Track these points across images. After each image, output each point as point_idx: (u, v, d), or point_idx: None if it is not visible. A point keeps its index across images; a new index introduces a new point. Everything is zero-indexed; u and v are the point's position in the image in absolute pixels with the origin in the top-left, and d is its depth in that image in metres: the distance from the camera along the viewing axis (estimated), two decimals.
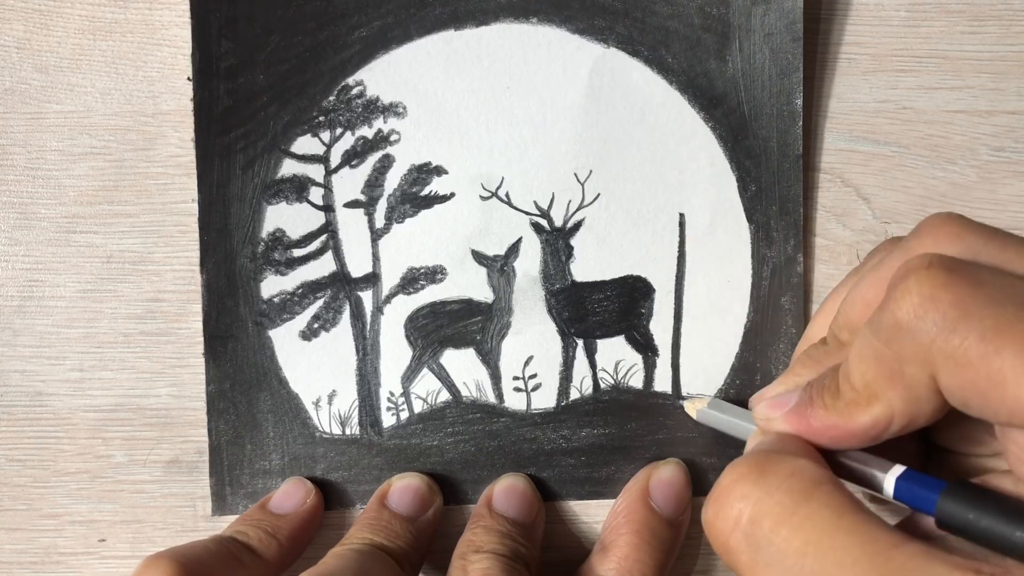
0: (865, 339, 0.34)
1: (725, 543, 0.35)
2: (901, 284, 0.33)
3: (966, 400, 0.32)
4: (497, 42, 0.50)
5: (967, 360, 0.31)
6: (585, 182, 0.50)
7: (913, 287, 0.32)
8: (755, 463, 0.35)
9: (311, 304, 0.50)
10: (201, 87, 0.49)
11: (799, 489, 0.33)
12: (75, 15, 0.50)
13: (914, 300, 0.32)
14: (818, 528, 0.32)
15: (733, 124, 0.50)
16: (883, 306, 0.33)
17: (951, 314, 0.31)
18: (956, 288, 0.32)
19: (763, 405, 0.40)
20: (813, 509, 0.33)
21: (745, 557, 0.34)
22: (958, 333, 0.31)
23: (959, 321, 0.31)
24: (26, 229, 0.50)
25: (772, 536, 0.33)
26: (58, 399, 0.51)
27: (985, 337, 0.30)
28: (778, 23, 0.49)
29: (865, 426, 0.35)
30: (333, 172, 0.50)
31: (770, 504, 0.33)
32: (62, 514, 0.51)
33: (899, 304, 0.32)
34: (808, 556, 0.32)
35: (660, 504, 0.49)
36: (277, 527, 0.47)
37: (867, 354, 0.34)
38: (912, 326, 0.32)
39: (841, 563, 0.31)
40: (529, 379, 0.51)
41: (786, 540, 0.33)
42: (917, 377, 0.33)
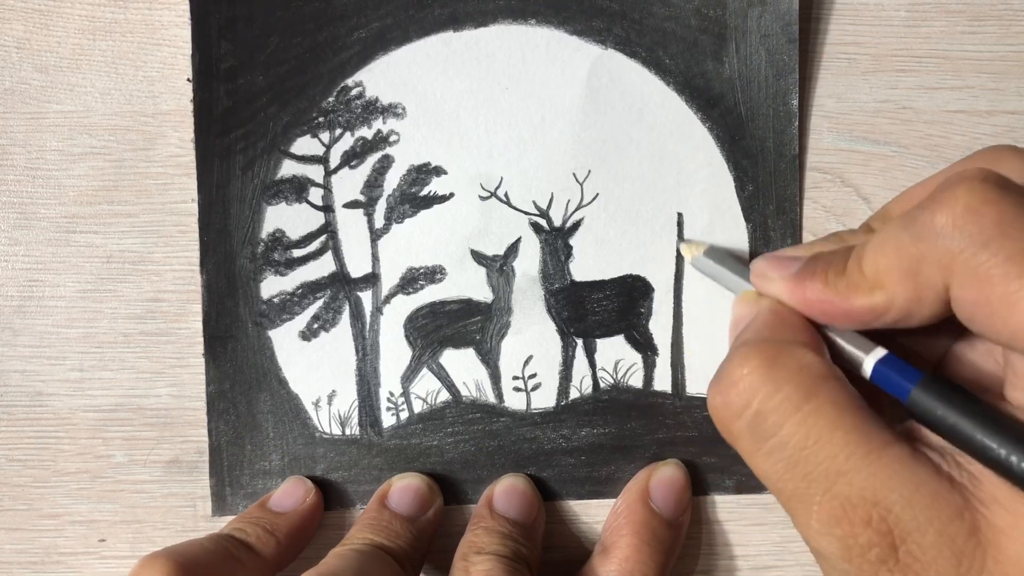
0: (892, 230, 0.35)
1: (729, 428, 0.37)
2: (950, 189, 0.33)
3: (972, 315, 0.33)
4: (496, 43, 0.50)
5: (988, 276, 0.31)
6: (584, 182, 0.50)
7: (961, 195, 0.32)
8: (765, 355, 0.36)
9: (311, 304, 0.50)
10: (201, 88, 0.49)
11: (806, 384, 0.35)
12: (75, 15, 0.50)
13: (958, 208, 0.32)
14: (820, 423, 0.34)
15: (730, 124, 0.50)
16: (925, 204, 0.33)
17: (989, 230, 0.31)
18: (1002, 206, 0.32)
19: (764, 262, 0.40)
20: (817, 404, 0.34)
21: (747, 443, 0.36)
22: (989, 249, 0.31)
23: (994, 239, 0.31)
24: (26, 229, 0.50)
25: (776, 429, 0.35)
26: (58, 399, 0.51)
27: (1013, 259, 0.31)
28: (774, 25, 0.49)
29: (860, 310, 0.36)
30: (332, 173, 0.50)
31: (778, 399, 0.35)
32: (62, 514, 0.51)
33: (941, 207, 0.33)
34: (807, 448, 0.34)
35: (660, 505, 0.49)
36: (276, 525, 0.47)
37: (889, 244, 0.35)
38: (947, 232, 0.32)
39: (835, 456, 0.34)
40: (529, 379, 0.51)
41: (789, 433, 0.35)
42: (931, 280, 0.33)
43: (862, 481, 0.33)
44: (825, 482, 0.34)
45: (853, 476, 0.33)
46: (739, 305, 0.42)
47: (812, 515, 0.34)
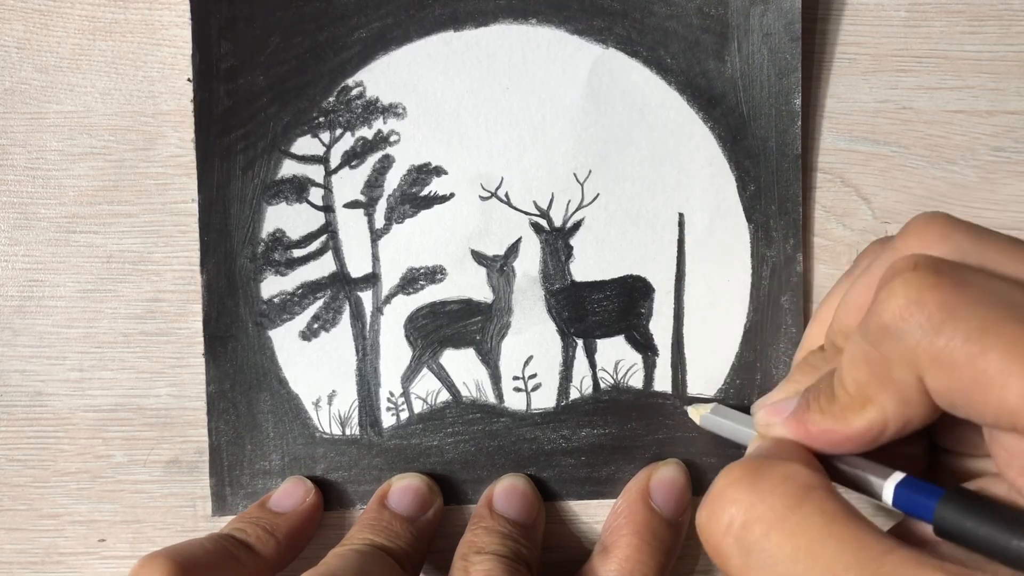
0: (855, 343, 0.34)
1: (717, 546, 0.34)
2: (887, 286, 0.32)
3: (952, 402, 0.32)
4: (496, 43, 0.50)
5: (952, 362, 0.31)
6: (584, 182, 0.50)
7: (899, 289, 0.32)
8: (749, 467, 0.35)
9: (311, 304, 0.50)
10: (201, 88, 0.49)
11: (792, 494, 0.33)
12: (75, 15, 0.50)
13: (900, 302, 0.32)
14: (809, 534, 0.32)
15: (732, 124, 0.50)
16: (871, 309, 0.33)
17: (937, 316, 0.31)
18: (942, 290, 0.31)
19: (763, 412, 0.40)
20: (805, 514, 0.33)
21: (736, 561, 0.34)
22: (944, 335, 0.31)
23: (945, 323, 0.31)
24: (26, 229, 0.50)
25: (764, 541, 0.33)
26: (58, 399, 0.51)
27: (970, 338, 0.30)
28: (776, 23, 0.50)
29: (861, 430, 0.35)
30: (333, 173, 0.50)
31: (762, 509, 0.33)
32: (62, 514, 0.51)
33: (885, 307, 0.32)
34: (799, 562, 0.32)
35: (660, 504, 0.49)
36: (276, 525, 0.47)
37: (857, 358, 0.34)
38: (898, 328, 0.32)
39: (832, 569, 0.31)
40: (529, 379, 0.51)
41: (778, 546, 0.32)
42: (905, 380, 0.33)
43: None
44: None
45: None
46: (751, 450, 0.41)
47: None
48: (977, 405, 0.31)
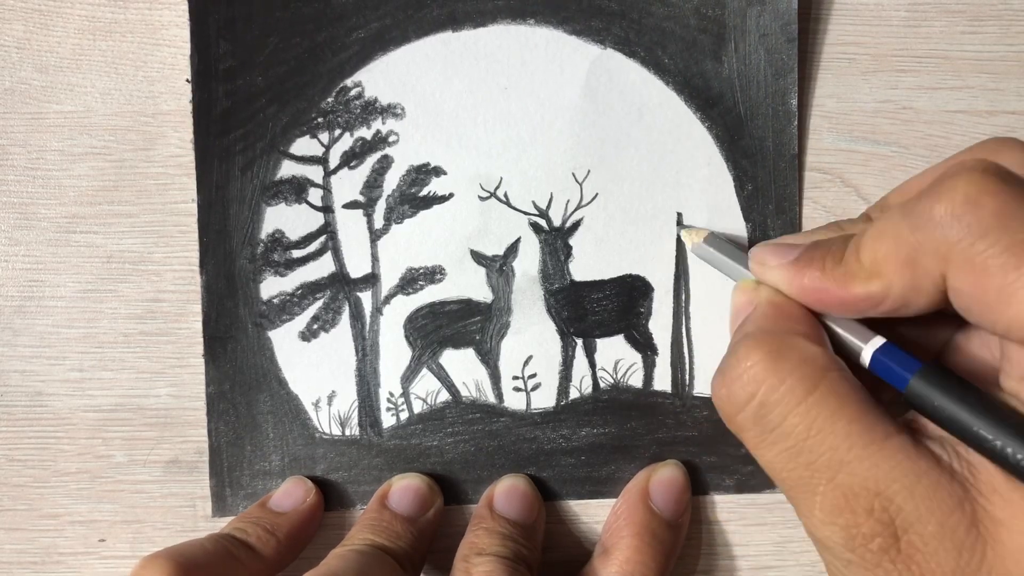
0: (891, 219, 0.35)
1: (734, 418, 0.37)
2: (949, 180, 0.33)
3: (969, 305, 0.33)
4: (495, 43, 0.50)
5: (985, 267, 0.31)
6: (583, 182, 0.50)
7: (961, 186, 0.32)
8: (770, 348, 0.36)
9: (310, 305, 0.50)
10: (200, 89, 0.49)
11: (809, 376, 0.35)
12: (75, 15, 0.50)
13: (957, 198, 0.32)
14: (823, 414, 0.35)
15: (729, 124, 0.50)
16: (925, 194, 0.33)
17: (988, 221, 0.31)
18: (1001, 197, 0.32)
19: (762, 249, 0.41)
20: (820, 396, 0.35)
21: (752, 434, 0.36)
22: (987, 240, 0.31)
23: (992, 230, 0.31)
24: (26, 229, 0.50)
25: (780, 420, 0.35)
26: (58, 399, 0.51)
27: (1011, 250, 0.31)
28: (773, 24, 0.49)
29: (856, 298, 0.36)
30: (332, 173, 0.50)
31: (782, 391, 0.35)
32: (62, 514, 0.51)
33: (940, 197, 0.33)
34: (810, 439, 0.35)
35: (660, 505, 0.49)
36: (276, 525, 0.47)
37: (888, 233, 0.35)
38: (946, 222, 0.32)
39: (838, 447, 0.34)
40: (528, 379, 0.51)
41: (792, 424, 0.35)
42: (928, 270, 0.33)
43: (864, 471, 0.34)
44: (828, 472, 0.34)
45: (855, 466, 0.34)
46: (737, 294, 0.42)
47: (816, 505, 0.35)
48: (993, 314, 0.32)
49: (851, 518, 0.34)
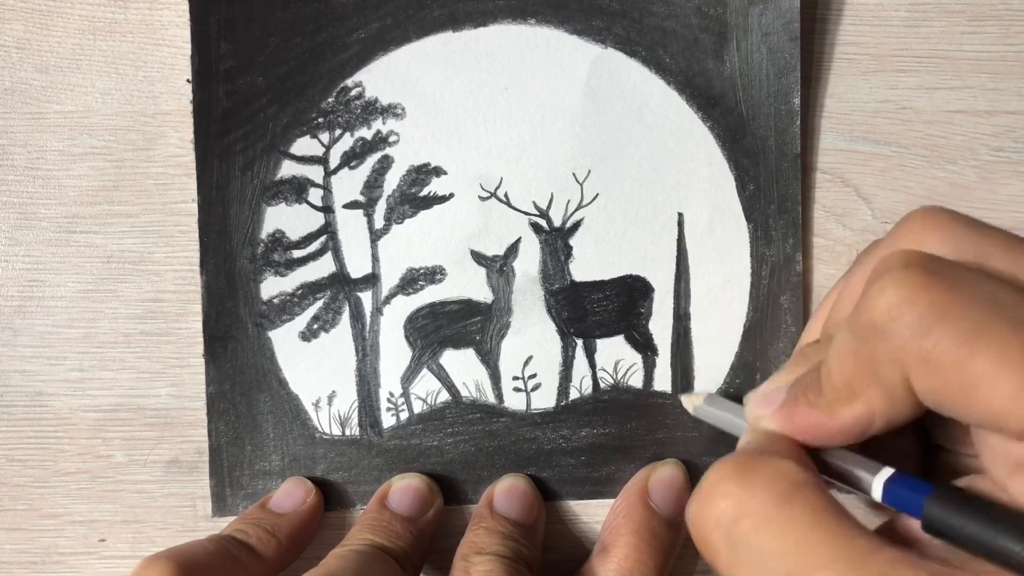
0: (843, 337, 0.34)
1: (706, 540, 0.35)
2: (877, 283, 0.32)
3: (939, 403, 0.32)
4: (495, 43, 0.50)
5: (940, 363, 0.31)
6: (584, 182, 0.50)
7: (889, 287, 0.32)
8: (739, 463, 0.35)
9: (311, 305, 0.50)
10: (200, 89, 0.49)
11: (781, 490, 0.33)
12: (75, 15, 0.50)
13: (890, 300, 0.31)
14: (797, 530, 0.32)
15: (731, 123, 0.50)
16: (859, 305, 0.33)
17: (927, 317, 0.31)
18: (933, 290, 0.31)
19: (753, 403, 0.40)
20: (793, 511, 0.33)
21: (725, 556, 0.34)
22: (932, 336, 0.31)
23: (934, 324, 0.31)
24: (26, 229, 0.50)
25: (752, 536, 0.33)
26: (58, 399, 0.51)
27: (959, 340, 0.30)
28: (775, 23, 0.49)
29: (848, 423, 0.35)
30: (332, 173, 0.50)
31: (752, 504, 0.33)
32: (62, 514, 0.51)
33: (874, 304, 0.32)
34: (787, 557, 0.32)
35: (659, 504, 0.49)
36: (277, 526, 0.47)
37: (845, 352, 0.34)
38: (886, 327, 0.32)
39: (818, 565, 0.32)
40: (529, 379, 0.51)
41: (766, 541, 0.33)
42: (892, 378, 0.32)
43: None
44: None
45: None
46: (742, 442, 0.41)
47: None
48: (963, 407, 0.31)
49: None
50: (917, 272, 0.32)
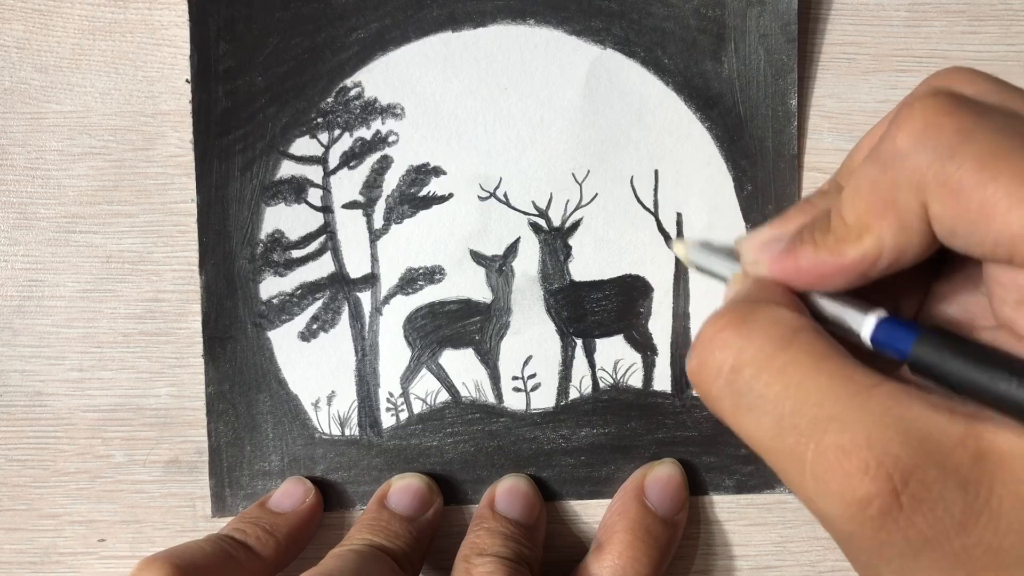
0: (862, 170, 0.34)
1: (708, 391, 0.35)
2: (905, 110, 0.33)
3: (953, 229, 0.32)
4: (494, 43, 0.50)
5: (960, 187, 0.31)
6: (583, 182, 0.50)
7: (918, 113, 0.32)
8: (736, 313, 0.35)
9: (310, 305, 0.50)
10: (200, 89, 0.49)
11: (779, 336, 0.34)
12: (75, 15, 0.50)
13: (917, 125, 0.32)
14: (798, 372, 0.33)
15: (729, 124, 0.50)
16: (885, 134, 0.33)
17: (952, 140, 0.31)
18: (960, 116, 0.31)
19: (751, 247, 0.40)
20: (793, 355, 0.33)
21: (728, 403, 0.35)
22: (956, 159, 0.31)
23: (959, 147, 0.31)
24: (26, 229, 0.50)
25: (753, 383, 0.34)
26: (58, 399, 0.51)
27: (982, 164, 0.30)
28: (773, 24, 0.49)
29: (855, 260, 0.35)
30: (331, 173, 0.50)
31: (751, 352, 0.34)
32: (62, 514, 0.51)
33: (901, 129, 0.32)
34: (789, 399, 0.33)
35: (655, 502, 0.48)
36: (275, 525, 0.47)
37: (863, 185, 0.34)
38: (911, 151, 0.32)
39: (821, 403, 0.32)
40: (528, 379, 0.51)
41: (767, 385, 0.33)
42: (909, 205, 0.33)
43: (854, 424, 0.31)
44: (815, 434, 0.32)
45: (842, 420, 0.32)
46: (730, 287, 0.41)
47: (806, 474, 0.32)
48: (978, 233, 0.31)
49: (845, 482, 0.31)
50: (945, 99, 0.32)
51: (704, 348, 0.35)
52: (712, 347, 0.35)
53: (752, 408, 0.34)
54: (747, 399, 0.34)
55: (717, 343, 0.35)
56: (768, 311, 0.35)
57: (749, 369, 0.34)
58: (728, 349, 0.34)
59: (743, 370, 0.34)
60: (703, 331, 0.36)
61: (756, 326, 0.34)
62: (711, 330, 0.35)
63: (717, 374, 0.35)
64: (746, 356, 0.34)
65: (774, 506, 0.51)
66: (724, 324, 0.35)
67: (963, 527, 0.31)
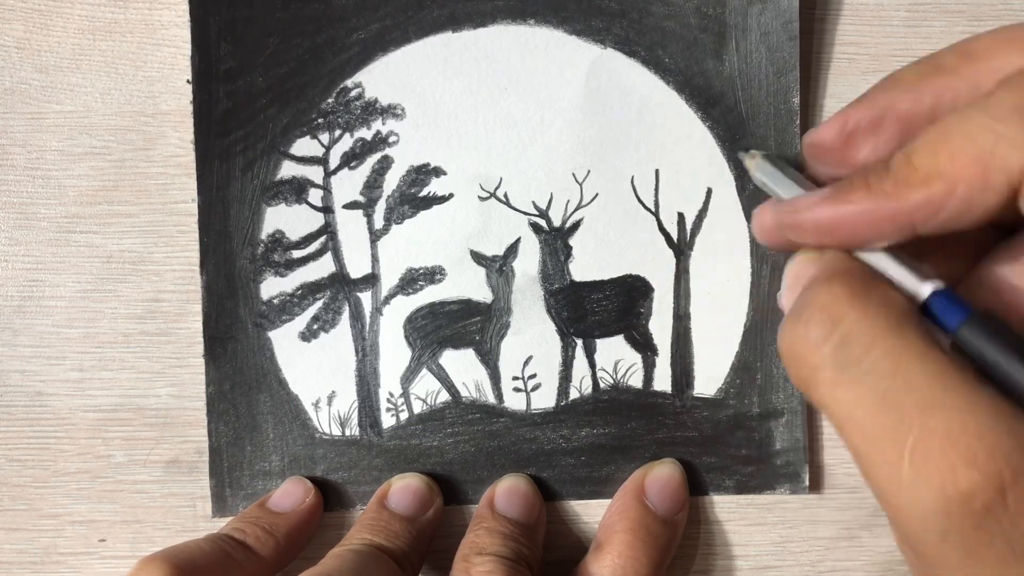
0: (961, 116, 0.33)
1: (806, 358, 0.34)
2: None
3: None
4: (495, 43, 0.50)
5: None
6: (583, 182, 0.50)
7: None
8: (854, 284, 0.34)
9: (310, 305, 0.50)
10: (200, 89, 0.49)
11: (896, 315, 0.33)
12: (75, 15, 0.50)
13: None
14: (910, 353, 0.32)
15: (730, 123, 0.50)
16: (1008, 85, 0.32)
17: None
18: None
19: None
20: (906, 336, 0.32)
21: (828, 373, 0.33)
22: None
23: None
24: (26, 229, 0.50)
25: (864, 356, 0.32)
26: (58, 399, 0.51)
27: None
28: (774, 22, 0.49)
29: (914, 205, 0.33)
30: (332, 173, 0.50)
31: (867, 324, 0.33)
32: (62, 514, 0.51)
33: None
34: (898, 377, 0.31)
35: (655, 502, 0.48)
36: (275, 525, 0.47)
37: (957, 130, 0.33)
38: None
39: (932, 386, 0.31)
40: (528, 379, 0.51)
41: (877, 360, 0.32)
42: (1006, 163, 0.31)
43: (964, 411, 0.30)
44: (921, 415, 0.30)
45: (953, 406, 0.30)
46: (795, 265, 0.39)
47: (905, 458, 0.30)
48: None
49: (948, 473, 0.29)
50: None
51: (815, 315, 0.34)
52: (825, 315, 0.33)
53: (856, 381, 0.32)
54: (852, 371, 0.32)
55: (832, 312, 0.33)
56: (884, 289, 0.34)
57: (863, 340, 0.32)
58: (843, 319, 0.33)
59: (856, 339, 0.33)
60: (816, 296, 0.34)
61: (873, 302, 0.33)
62: (825, 298, 0.34)
63: (824, 340, 0.33)
64: (861, 327, 0.33)
65: (774, 506, 0.51)
66: (840, 294, 0.34)
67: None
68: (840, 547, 0.51)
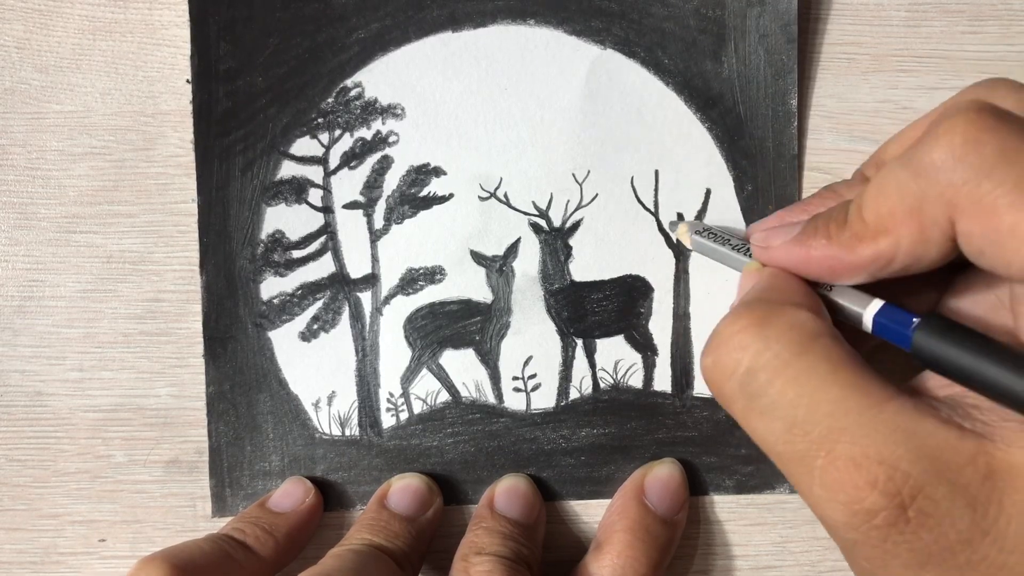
0: (891, 172, 0.34)
1: (721, 390, 0.35)
2: (947, 122, 0.32)
3: (982, 249, 0.32)
4: (495, 44, 0.50)
5: (994, 207, 0.31)
6: (583, 182, 0.50)
7: (959, 127, 0.32)
8: (756, 314, 0.35)
9: (310, 305, 0.50)
10: (200, 89, 0.49)
11: (797, 341, 0.34)
12: (75, 15, 0.50)
13: (957, 140, 0.31)
14: (812, 381, 0.33)
15: (729, 124, 0.50)
16: (922, 141, 0.33)
17: (991, 160, 0.31)
18: (1001, 134, 0.31)
19: (762, 232, 0.40)
20: (810, 362, 0.33)
21: (740, 405, 0.35)
22: (993, 179, 0.31)
23: (997, 167, 0.31)
24: (26, 229, 0.50)
25: (767, 387, 0.34)
26: (58, 399, 0.51)
27: (1020, 186, 0.30)
28: (773, 24, 0.49)
29: (866, 259, 0.35)
30: (332, 173, 0.50)
31: (768, 356, 0.34)
32: (62, 514, 0.51)
33: (939, 141, 0.32)
34: (801, 407, 0.33)
35: (655, 502, 0.48)
36: (275, 525, 0.47)
37: (889, 187, 0.34)
38: (948, 166, 0.32)
39: (833, 414, 0.32)
40: (528, 379, 0.51)
41: (780, 392, 0.33)
42: (935, 218, 0.33)
43: (866, 437, 0.32)
44: (826, 443, 0.32)
45: (855, 433, 0.32)
46: (744, 279, 0.42)
47: (815, 480, 0.33)
48: (1007, 254, 0.31)
49: (853, 493, 0.32)
50: (988, 116, 0.32)
51: (721, 347, 0.35)
52: (729, 347, 0.35)
53: (764, 412, 0.34)
54: (760, 402, 0.34)
55: (734, 344, 0.35)
56: (787, 314, 0.35)
57: (764, 373, 0.34)
58: (745, 351, 0.35)
59: (758, 373, 0.34)
60: (721, 329, 0.36)
61: (774, 330, 0.34)
62: (729, 330, 0.35)
63: (732, 375, 0.35)
64: (762, 360, 0.34)
65: (774, 506, 0.51)
66: (743, 325, 0.35)
67: (969, 543, 0.31)
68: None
